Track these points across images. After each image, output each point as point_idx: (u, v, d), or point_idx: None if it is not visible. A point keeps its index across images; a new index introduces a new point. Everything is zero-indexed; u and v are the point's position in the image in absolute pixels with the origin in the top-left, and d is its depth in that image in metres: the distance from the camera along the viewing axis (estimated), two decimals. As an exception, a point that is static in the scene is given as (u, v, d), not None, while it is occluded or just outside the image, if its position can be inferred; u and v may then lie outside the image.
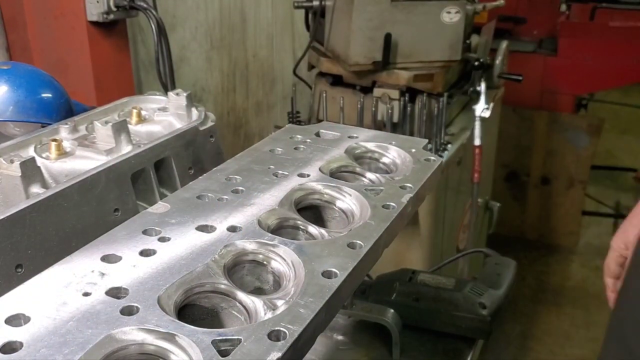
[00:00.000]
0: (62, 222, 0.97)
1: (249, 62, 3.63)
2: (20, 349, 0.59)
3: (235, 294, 0.71)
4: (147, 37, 2.77)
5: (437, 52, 2.58)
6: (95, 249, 0.76)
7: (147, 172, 1.15)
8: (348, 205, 0.95)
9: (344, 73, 2.66)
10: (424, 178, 1.03)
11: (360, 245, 0.80)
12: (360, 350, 1.31)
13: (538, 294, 4.22)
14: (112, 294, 0.67)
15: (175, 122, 1.31)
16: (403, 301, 1.36)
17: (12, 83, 1.26)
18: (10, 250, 0.89)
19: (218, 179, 0.98)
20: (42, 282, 0.69)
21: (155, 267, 0.72)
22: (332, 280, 0.72)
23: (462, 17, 2.53)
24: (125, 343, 0.62)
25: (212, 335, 0.61)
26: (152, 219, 0.84)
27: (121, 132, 1.15)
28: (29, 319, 0.63)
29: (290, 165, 1.04)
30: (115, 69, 2.45)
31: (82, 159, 1.12)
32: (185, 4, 3.05)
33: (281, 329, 0.63)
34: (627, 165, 5.63)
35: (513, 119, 4.33)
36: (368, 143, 1.16)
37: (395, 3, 2.47)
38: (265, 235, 0.81)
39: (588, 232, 4.84)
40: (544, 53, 4.30)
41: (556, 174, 4.46)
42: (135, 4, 2.34)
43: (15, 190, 0.99)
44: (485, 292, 1.36)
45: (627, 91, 6.65)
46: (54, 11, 2.31)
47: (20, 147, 1.12)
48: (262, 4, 3.64)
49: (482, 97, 2.75)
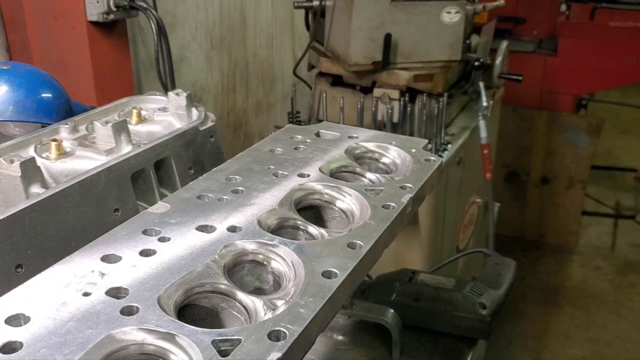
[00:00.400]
0: (62, 222, 0.97)
1: (249, 62, 3.63)
2: (20, 349, 0.59)
3: (235, 294, 0.71)
4: (147, 37, 2.77)
5: (437, 52, 2.58)
6: (95, 249, 0.76)
7: (147, 172, 1.15)
8: (348, 205, 0.95)
9: (344, 73, 2.66)
10: (424, 178, 1.03)
11: (360, 245, 0.80)
12: (360, 350, 1.31)
13: (538, 294, 4.21)
14: (112, 294, 0.67)
15: (175, 122, 1.31)
16: (403, 301, 1.36)
17: (12, 83, 1.26)
18: (11, 250, 0.89)
19: (218, 179, 0.98)
20: (42, 282, 0.69)
21: (155, 267, 0.72)
22: (332, 280, 0.72)
23: (462, 17, 2.53)
24: (125, 343, 0.62)
25: (212, 336, 0.61)
26: (152, 219, 0.84)
27: (121, 132, 1.15)
28: (29, 319, 0.63)
29: (290, 165, 1.04)
30: (115, 69, 2.45)
31: (82, 159, 1.12)
32: (185, 4, 3.05)
33: (281, 329, 0.63)
34: (627, 165, 5.64)
35: (513, 119, 4.33)
36: (368, 143, 1.16)
37: (395, 3, 2.47)
38: (265, 236, 0.81)
39: (588, 232, 4.84)
40: (544, 53, 4.30)
41: (556, 174, 4.46)
42: (135, 4, 2.34)
43: (15, 190, 0.99)
44: (485, 292, 1.36)
45: (627, 91, 6.65)
46: (53, 11, 2.31)
47: (21, 147, 1.11)
48: (262, 4, 3.64)
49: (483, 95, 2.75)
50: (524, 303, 4.07)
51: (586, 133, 4.32)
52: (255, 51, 3.66)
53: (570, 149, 4.36)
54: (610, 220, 4.89)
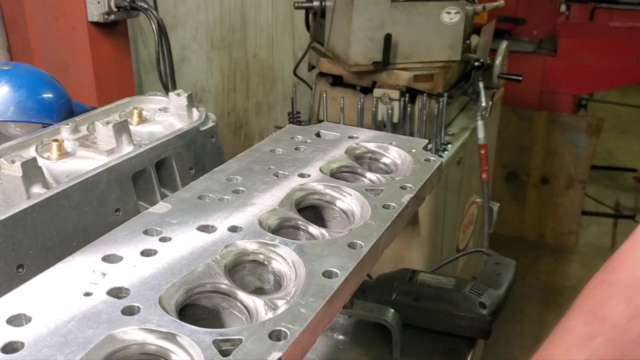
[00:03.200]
0: (64, 222, 0.97)
1: (249, 62, 3.63)
2: (21, 349, 0.59)
3: (236, 293, 0.72)
4: (148, 37, 2.78)
5: (437, 52, 2.58)
6: (97, 249, 0.76)
7: (148, 172, 1.15)
8: (348, 205, 0.96)
9: (344, 73, 2.66)
10: (424, 178, 1.03)
11: (361, 245, 0.81)
12: (360, 349, 1.31)
13: (538, 293, 4.21)
14: (113, 293, 0.68)
15: (176, 123, 1.31)
16: (403, 301, 1.36)
17: (13, 83, 1.26)
18: (12, 251, 0.89)
19: (219, 179, 0.98)
20: (43, 282, 0.69)
21: (157, 267, 0.73)
22: (333, 280, 0.72)
23: (462, 18, 2.53)
24: (126, 343, 0.62)
25: (213, 335, 0.62)
26: (153, 219, 0.84)
27: (122, 132, 1.15)
28: (30, 319, 0.63)
29: (291, 165, 1.04)
30: (116, 70, 2.45)
31: (83, 159, 1.12)
32: (185, 5, 3.05)
33: (282, 328, 0.63)
34: (627, 165, 5.63)
35: (513, 119, 4.33)
36: (368, 143, 1.16)
37: (395, 3, 2.47)
38: (266, 235, 0.81)
39: (588, 232, 4.84)
40: (544, 53, 4.30)
41: (556, 174, 4.46)
42: (136, 4, 2.35)
43: (16, 190, 0.99)
44: (485, 292, 1.36)
45: (626, 91, 6.65)
46: (54, 12, 2.31)
47: (22, 148, 1.12)
48: (263, 5, 3.64)
49: (482, 96, 2.76)
50: (524, 303, 4.06)
51: (586, 133, 4.32)
52: (255, 51, 3.66)
53: (570, 149, 4.36)
54: (610, 220, 4.89)
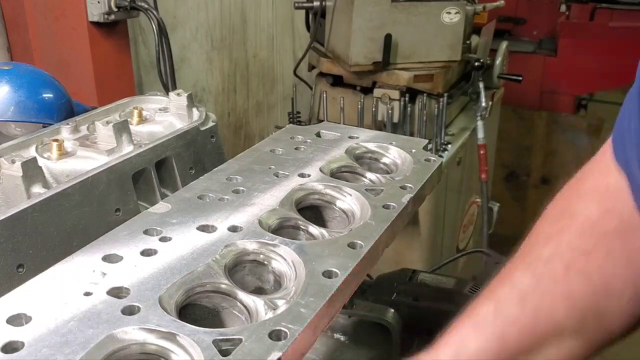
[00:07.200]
0: (64, 222, 0.97)
1: (249, 62, 3.63)
2: (21, 349, 0.59)
3: (236, 293, 0.71)
4: (148, 37, 2.78)
5: (437, 52, 2.58)
6: (97, 248, 0.76)
7: (148, 172, 1.15)
8: (348, 205, 0.95)
9: (344, 73, 2.66)
10: (424, 178, 1.03)
11: (361, 245, 0.81)
12: (360, 349, 1.31)
13: (538, 294, 4.20)
14: (114, 293, 0.68)
15: (176, 123, 1.31)
16: (403, 301, 1.36)
17: (13, 83, 1.26)
18: (12, 250, 0.89)
19: (219, 179, 0.98)
20: (43, 282, 0.69)
21: (157, 266, 0.73)
22: (333, 280, 0.72)
23: (462, 18, 2.54)
24: (126, 343, 0.62)
25: (213, 335, 0.62)
26: (153, 218, 0.84)
27: (122, 132, 1.15)
28: (30, 319, 0.63)
29: (291, 165, 1.04)
30: (116, 70, 2.45)
31: (84, 159, 1.12)
32: (186, 5, 3.05)
33: (282, 328, 0.63)
34: (627, 166, 5.62)
35: (513, 119, 4.33)
36: (368, 143, 1.16)
37: (395, 4, 2.47)
38: (266, 235, 0.81)
39: (588, 232, 4.83)
40: (544, 53, 4.30)
41: (556, 174, 4.46)
42: (136, 4, 2.35)
43: (16, 190, 0.99)
44: (485, 292, 1.36)
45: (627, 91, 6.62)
46: (55, 12, 2.32)
47: (22, 148, 1.12)
48: (263, 5, 3.64)
49: (482, 96, 2.76)
50: (524, 303, 4.05)
51: (586, 133, 4.32)
52: (255, 52, 3.66)
53: (570, 149, 4.37)
54: (610, 221, 4.88)
